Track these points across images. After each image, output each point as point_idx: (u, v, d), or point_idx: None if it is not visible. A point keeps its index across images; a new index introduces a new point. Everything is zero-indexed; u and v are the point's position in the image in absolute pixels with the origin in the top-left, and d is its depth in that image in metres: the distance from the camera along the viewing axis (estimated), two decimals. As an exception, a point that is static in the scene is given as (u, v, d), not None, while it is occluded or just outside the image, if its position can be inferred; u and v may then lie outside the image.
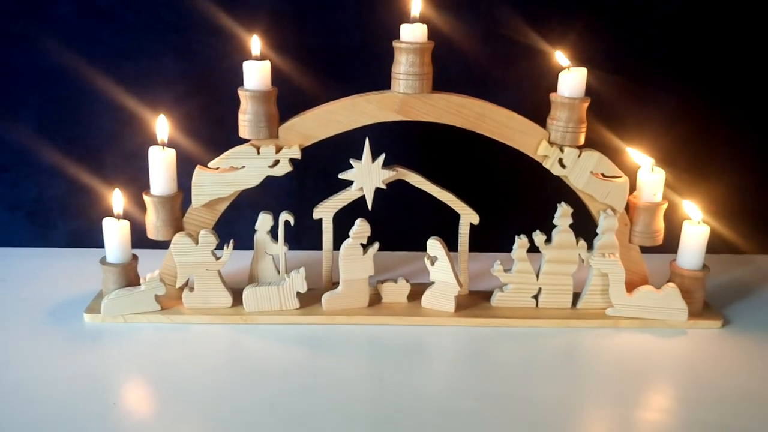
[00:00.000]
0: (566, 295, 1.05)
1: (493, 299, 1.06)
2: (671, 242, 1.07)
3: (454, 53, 1.15)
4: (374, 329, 1.02)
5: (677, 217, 1.07)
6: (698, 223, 1.04)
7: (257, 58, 0.98)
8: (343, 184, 1.04)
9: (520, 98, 1.14)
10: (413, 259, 1.22)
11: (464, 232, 1.07)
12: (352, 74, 1.17)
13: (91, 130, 1.20)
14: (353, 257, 1.02)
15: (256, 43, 0.99)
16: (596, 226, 1.03)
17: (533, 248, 1.03)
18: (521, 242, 1.03)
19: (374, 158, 1.01)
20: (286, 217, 1.05)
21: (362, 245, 1.02)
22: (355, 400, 0.86)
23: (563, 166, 1.01)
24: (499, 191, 1.24)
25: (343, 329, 1.02)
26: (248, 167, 1.00)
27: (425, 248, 1.03)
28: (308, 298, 1.04)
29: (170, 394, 0.86)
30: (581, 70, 0.97)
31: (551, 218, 1.02)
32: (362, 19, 1.15)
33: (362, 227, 1.01)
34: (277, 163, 1.00)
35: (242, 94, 0.98)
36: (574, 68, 0.98)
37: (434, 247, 1.02)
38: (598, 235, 1.03)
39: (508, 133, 1.00)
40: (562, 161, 1.00)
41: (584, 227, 1.04)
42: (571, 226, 1.02)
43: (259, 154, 1.00)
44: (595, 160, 1.01)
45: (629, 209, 1.05)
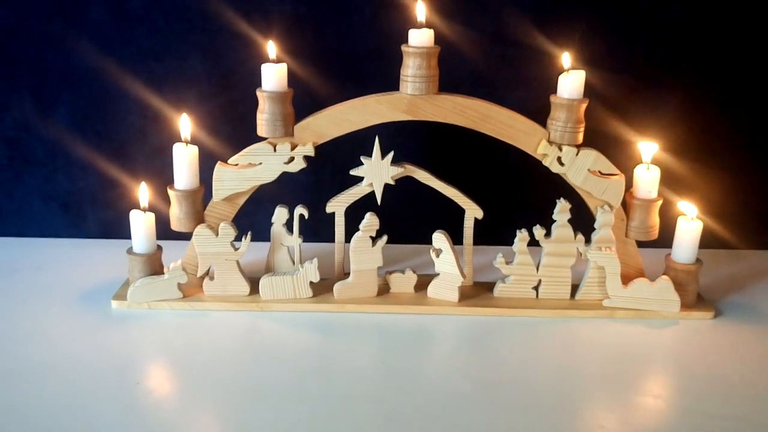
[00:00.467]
0: (565, 286, 1.06)
1: (495, 290, 1.08)
2: (668, 237, 1.08)
3: (463, 56, 1.17)
4: (382, 317, 1.04)
5: (673, 213, 1.08)
6: (692, 219, 1.05)
7: (274, 61, 1.00)
8: (356, 179, 1.06)
9: (528, 99, 1.14)
10: (420, 251, 1.23)
11: (469, 226, 1.09)
12: (365, 76, 1.18)
13: (120, 126, 1.23)
14: (363, 249, 1.04)
15: (272, 47, 1.01)
16: (594, 221, 1.04)
17: (534, 242, 1.04)
18: (522, 236, 1.04)
19: (383, 156, 1.03)
20: (300, 210, 1.07)
21: (371, 238, 1.04)
22: (363, 382, 0.88)
23: (562, 163, 1.02)
24: (502, 188, 1.25)
25: (353, 317, 1.04)
26: (265, 164, 1.02)
27: (431, 241, 1.05)
28: (321, 287, 1.06)
29: (190, 374, 0.89)
30: (580, 72, 0.98)
31: (551, 213, 1.03)
32: (375, 24, 1.16)
33: (371, 221, 1.03)
34: (292, 159, 1.03)
35: (260, 94, 1.00)
36: (573, 71, 0.99)
37: (439, 240, 1.04)
38: (595, 229, 1.04)
39: (510, 132, 1.02)
40: (560, 159, 1.02)
41: (583, 222, 1.05)
42: (569, 221, 1.03)
43: (275, 151, 1.02)
44: (592, 158, 1.02)
45: (626, 205, 1.06)
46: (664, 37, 1.18)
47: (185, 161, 1.03)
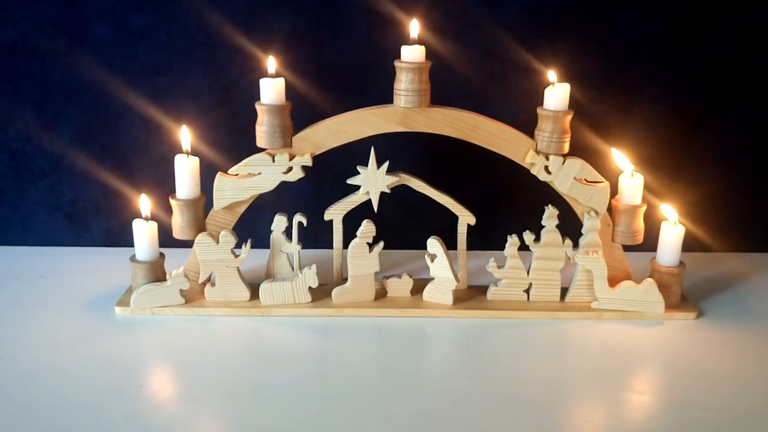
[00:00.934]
0: (554, 289, 1.08)
1: (488, 293, 1.09)
2: (655, 241, 1.09)
3: (456, 71, 1.18)
4: (380, 320, 1.05)
5: (658, 218, 1.09)
6: (675, 223, 1.07)
7: (273, 75, 1.01)
8: (354, 188, 1.07)
9: (516, 111, 1.16)
10: (415, 256, 1.25)
11: (462, 232, 1.10)
12: (361, 89, 1.19)
13: (123, 138, 1.24)
14: (360, 255, 1.05)
15: (271, 62, 1.03)
16: (581, 226, 1.06)
17: (524, 247, 1.05)
18: (512, 241, 1.06)
19: (379, 165, 1.05)
20: (299, 218, 1.08)
21: (368, 244, 1.05)
22: (361, 383, 0.89)
23: (549, 172, 1.03)
24: (493, 195, 1.26)
25: (351, 320, 1.04)
26: (264, 173, 1.03)
27: (426, 247, 1.06)
28: (319, 292, 1.07)
29: (192, 378, 0.90)
30: (565, 85, 1.00)
31: (540, 219, 1.05)
32: (370, 39, 1.18)
33: (368, 228, 1.04)
34: (290, 169, 1.04)
35: (259, 108, 1.01)
36: (558, 84, 1.01)
37: (434, 246, 1.06)
38: (582, 234, 1.06)
39: (498, 143, 1.03)
40: (547, 168, 1.03)
41: (571, 227, 1.07)
42: (558, 226, 1.05)
43: (274, 161, 1.03)
44: (578, 167, 1.04)
45: (612, 211, 1.07)
46: (645, 50, 1.20)
47: (187, 172, 1.04)
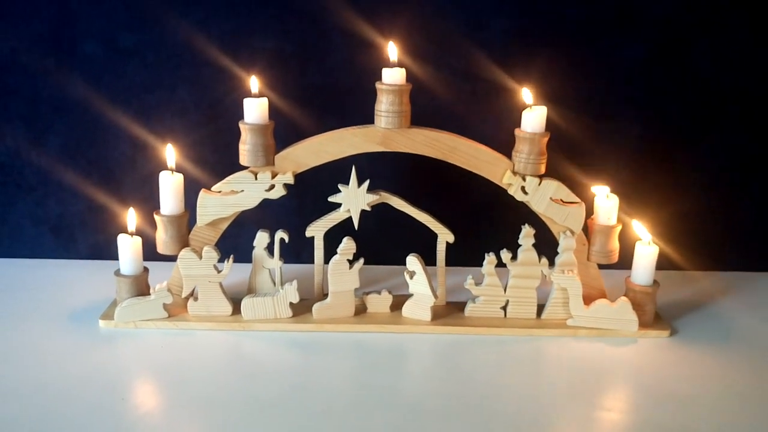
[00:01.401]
0: (531, 306, 1.08)
1: (466, 310, 1.09)
2: (630, 260, 1.09)
3: (435, 93, 1.19)
4: (359, 336, 1.05)
5: (632, 237, 1.10)
6: (648, 243, 1.08)
7: (256, 95, 1.02)
8: (335, 205, 1.07)
9: (497, 131, 1.16)
10: (395, 273, 1.25)
11: (441, 249, 1.10)
12: (344, 109, 1.19)
13: (110, 154, 1.24)
14: (340, 271, 1.05)
15: (254, 82, 1.03)
16: (557, 245, 1.07)
17: (501, 264, 1.06)
18: (490, 259, 1.06)
19: (360, 184, 1.05)
20: (281, 235, 1.08)
21: (349, 261, 1.05)
22: (341, 398, 0.89)
23: (525, 192, 1.04)
24: (471, 213, 1.27)
25: (331, 336, 1.04)
26: (247, 191, 1.04)
27: (405, 264, 1.06)
28: (300, 307, 1.07)
29: (174, 390, 0.89)
30: (542, 108, 1.01)
31: (517, 238, 1.05)
32: (353, 61, 1.18)
33: (348, 245, 1.05)
34: (272, 187, 1.04)
35: (242, 126, 1.02)
36: (535, 106, 1.02)
37: (413, 263, 1.06)
38: (558, 253, 1.06)
39: (476, 163, 1.04)
40: (524, 188, 1.04)
41: (547, 246, 1.07)
42: (534, 245, 1.05)
43: (256, 179, 1.03)
44: (553, 188, 1.04)
45: (587, 231, 1.08)
46: (623, 74, 1.21)
47: (171, 188, 1.04)
